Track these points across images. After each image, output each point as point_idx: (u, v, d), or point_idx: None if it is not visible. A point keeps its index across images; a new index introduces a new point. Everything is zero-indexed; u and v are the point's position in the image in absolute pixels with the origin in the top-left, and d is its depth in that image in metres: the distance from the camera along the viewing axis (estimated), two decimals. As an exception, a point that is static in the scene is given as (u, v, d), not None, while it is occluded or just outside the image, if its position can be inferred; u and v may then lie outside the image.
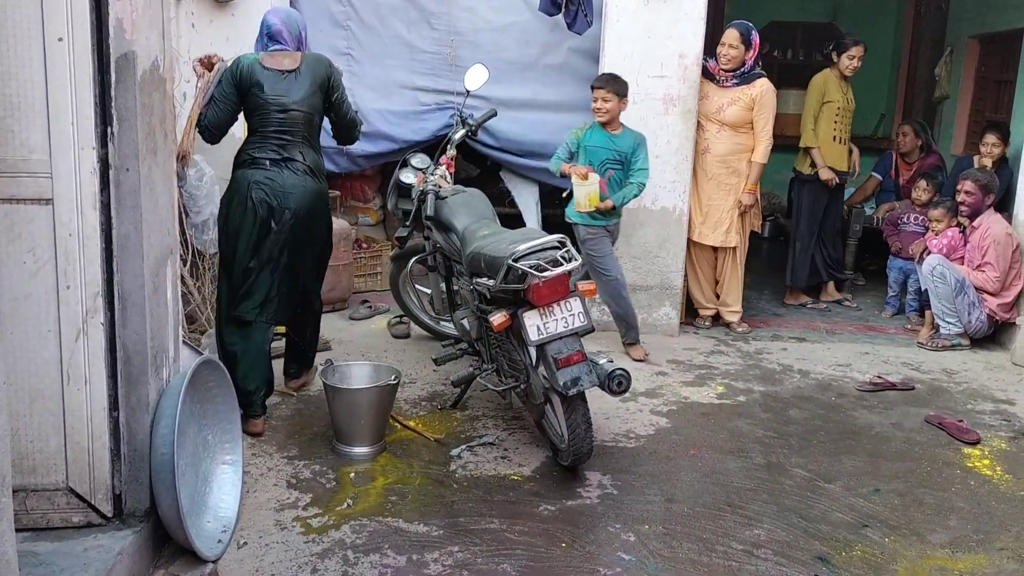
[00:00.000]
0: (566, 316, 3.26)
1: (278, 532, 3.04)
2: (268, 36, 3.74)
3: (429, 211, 3.95)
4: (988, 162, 5.82)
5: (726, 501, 3.39)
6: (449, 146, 4.37)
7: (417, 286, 4.90)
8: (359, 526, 3.10)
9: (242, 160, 3.78)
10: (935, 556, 3.02)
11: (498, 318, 3.29)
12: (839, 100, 5.90)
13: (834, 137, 5.97)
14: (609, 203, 4.67)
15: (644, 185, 4.77)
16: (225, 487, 3.12)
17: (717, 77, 5.32)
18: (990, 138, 5.89)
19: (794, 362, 5.03)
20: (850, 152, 6.12)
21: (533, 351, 3.35)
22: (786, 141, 8.48)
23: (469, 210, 3.93)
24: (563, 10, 5.28)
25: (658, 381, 4.66)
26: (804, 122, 6.00)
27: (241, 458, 3.19)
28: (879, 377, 4.72)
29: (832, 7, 9.19)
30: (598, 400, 3.90)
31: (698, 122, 5.33)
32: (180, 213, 5.16)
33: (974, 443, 3.93)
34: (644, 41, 5.21)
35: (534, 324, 3.24)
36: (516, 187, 5.80)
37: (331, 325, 5.26)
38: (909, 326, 5.80)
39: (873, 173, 6.88)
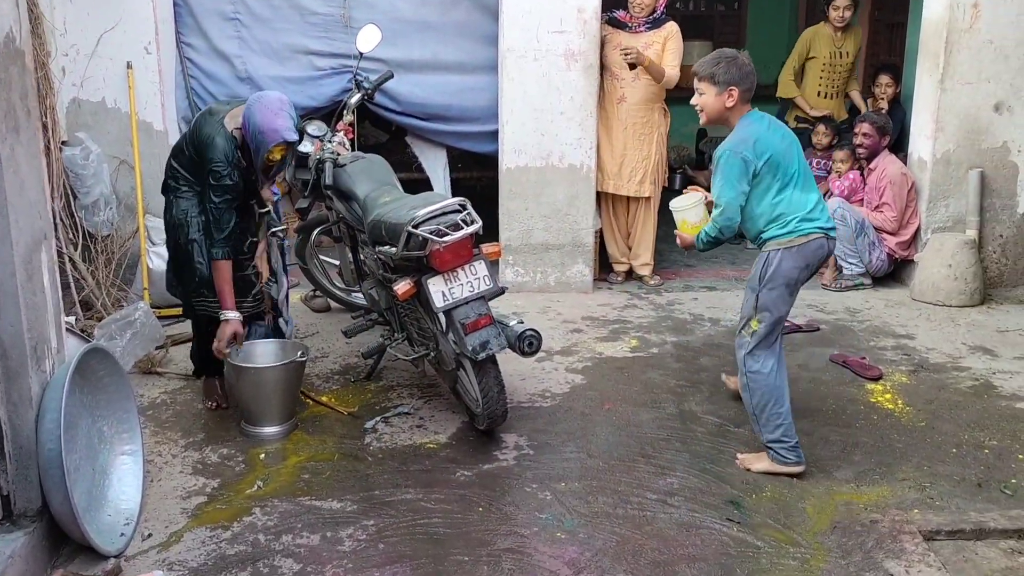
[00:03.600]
0: (471, 280, 3.22)
1: (185, 520, 2.94)
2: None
3: (328, 180, 3.83)
4: (884, 103, 6.00)
5: (640, 452, 3.43)
6: (346, 112, 4.23)
7: (323, 258, 4.78)
8: (270, 508, 3.02)
9: None
10: (841, 491, 3.12)
11: (402, 287, 3.22)
12: (825, 56, 6.17)
13: (819, 92, 6.29)
14: (685, 234, 3.30)
15: (714, 227, 3.13)
16: (126, 479, 3.00)
17: (629, 24, 5.34)
18: (883, 79, 6.08)
19: (705, 311, 5.11)
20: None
21: (442, 317, 3.30)
22: (691, 92, 8.60)
23: (369, 177, 3.83)
24: (458, -33, 5.16)
25: (573, 339, 4.67)
26: (783, 73, 6.33)
27: (141, 447, 3.07)
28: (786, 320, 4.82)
29: (730, -44, 9.26)
30: (513, 362, 3.89)
31: (613, 72, 5.33)
32: (68, 195, 4.92)
33: (876, 379, 4.07)
34: (542, -4, 5.14)
35: (439, 290, 3.18)
36: (422, 152, 5.68)
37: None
38: (814, 269, 5.94)
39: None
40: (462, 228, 3.13)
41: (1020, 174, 5.30)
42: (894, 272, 5.61)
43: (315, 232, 4.41)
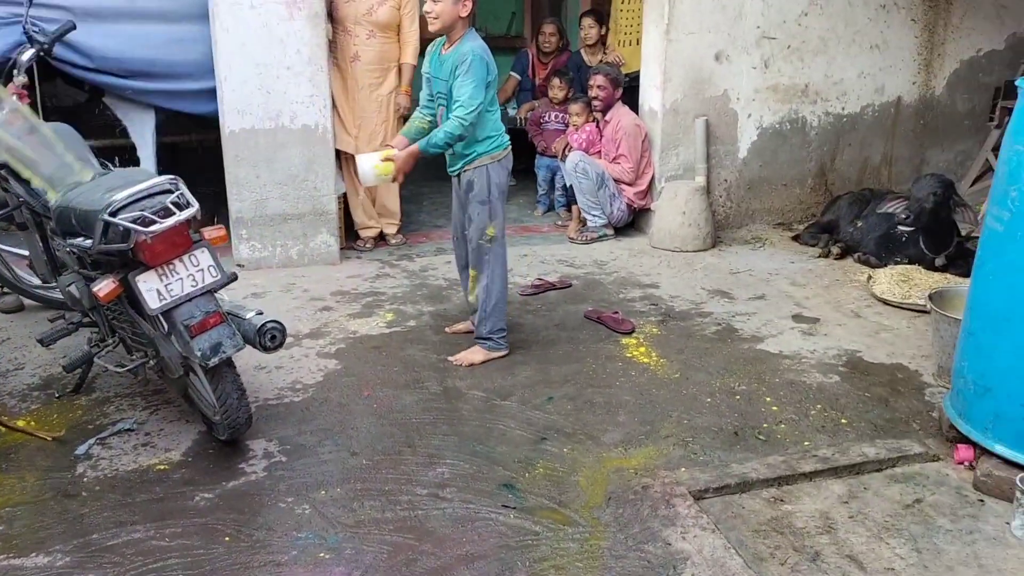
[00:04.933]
0: (192, 273, 2.72)
1: None
2: None
3: (-2, 157, 3.11)
4: (590, 44, 6.22)
5: (406, 442, 3.16)
6: (16, 71, 3.47)
7: (6, 248, 3.97)
8: (-49, 579, 2.40)
9: None
10: (611, 457, 3.06)
11: (103, 288, 2.66)
12: None
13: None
14: (396, 165, 3.49)
15: (460, 125, 3.36)
16: None
17: None
18: (586, 21, 6.31)
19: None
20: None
21: (160, 320, 2.78)
22: (424, 44, 8.31)
23: (54, 151, 3.15)
24: None
25: (323, 318, 4.28)
26: None
27: None
28: (539, 279, 4.76)
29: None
30: (256, 352, 3.43)
31: (345, 27, 4.96)
32: None
33: (630, 332, 4.10)
34: (255, -65, 4.56)
35: (152, 288, 2.66)
36: (126, 114, 4.92)
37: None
38: (560, 222, 5.97)
39: (512, 73, 6.89)
40: (174, 213, 2.62)
41: (739, 121, 5.60)
42: (634, 221, 5.76)
43: (-10, 220, 3.61)
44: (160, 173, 4.90)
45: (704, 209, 5.40)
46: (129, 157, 4.88)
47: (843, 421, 3.31)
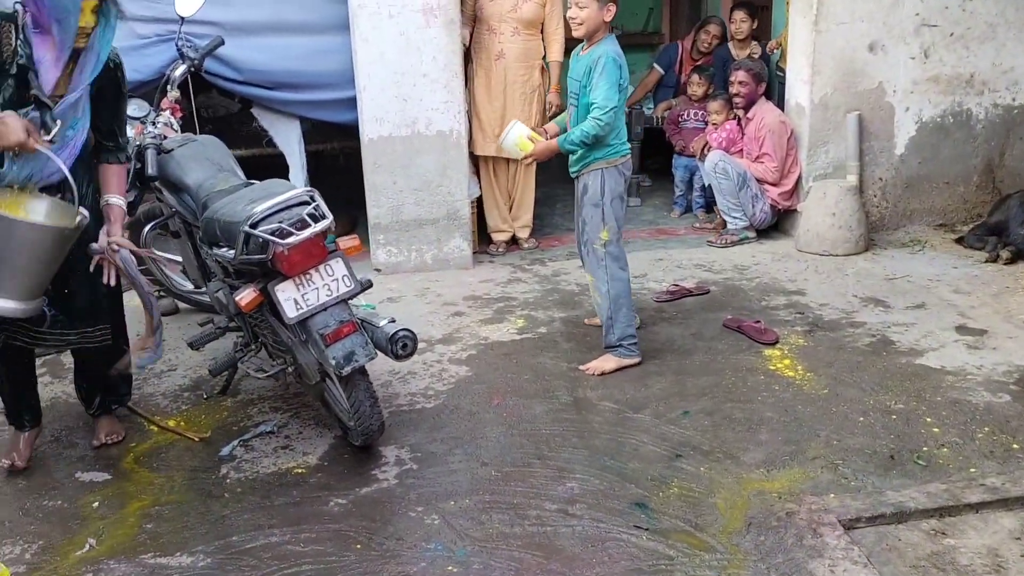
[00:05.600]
0: (328, 282, 2.76)
1: (-5, 604, 2.42)
2: None
3: (150, 170, 3.27)
4: (741, 39, 5.90)
5: (535, 454, 3.10)
6: (169, 87, 3.65)
7: (161, 254, 4.18)
8: (105, 573, 2.53)
9: None
10: (752, 479, 2.88)
11: (245, 297, 2.74)
12: None
13: None
14: (535, 148, 3.59)
15: (596, 125, 3.38)
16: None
17: None
18: (738, 15, 5.97)
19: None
20: None
21: (297, 328, 2.83)
22: (570, 44, 8.24)
23: (201, 163, 3.29)
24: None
25: (455, 323, 4.29)
26: None
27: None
28: (675, 285, 4.59)
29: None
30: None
31: (490, 26, 4.99)
32: None
33: (773, 343, 3.88)
34: (392, -55, 4.63)
35: (290, 298, 2.72)
36: (272, 124, 5.11)
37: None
38: (698, 224, 5.76)
39: (655, 66, 6.68)
40: (310, 225, 2.66)
41: (896, 115, 5.22)
42: (778, 223, 5.48)
43: (147, 229, 3.81)
44: (308, 181, 5.23)
45: (856, 210, 5.06)
46: (279, 165, 5.07)
47: (1015, 446, 2.99)
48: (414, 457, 3.10)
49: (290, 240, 2.62)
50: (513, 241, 5.44)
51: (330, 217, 2.72)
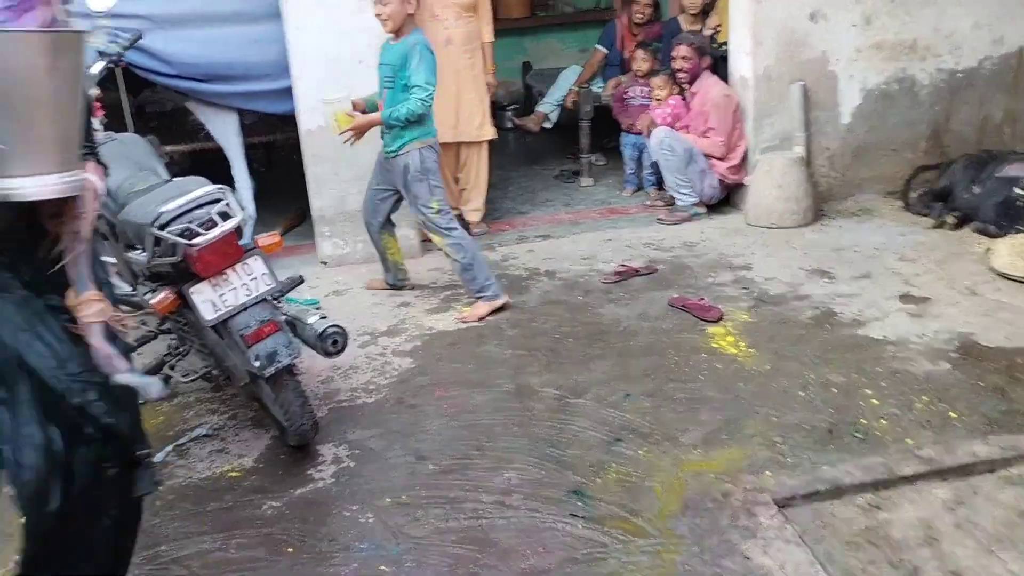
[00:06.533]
0: (246, 282, 2.70)
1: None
2: None
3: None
4: (694, 13, 5.85)
5: (475, 445, 3.06)
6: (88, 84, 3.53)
7: (102, 256, 4.08)
8: (28, 591, 2.46)
9: None
10: (689, 460, 2.87)
11: (159, 300, 2.67)
12: None
13: None
14: (356, 122, 3.92)
15: (421, 104, 3.80)
16: None
17: None
18: None
19: (540, 263, 4.76)
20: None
21: (218, 330, 2.77)
22: (512, 24, 8.16)
23: (120, 163, 3.18)
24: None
25: (400, 314, 4.23)
26: None
27: None
28: (623, 265, 4.56)
29: None
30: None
31: (433, 13, 4.90)
32: None
33: (717, 320, 3.86)
34: (321, -73, 4.52)
35: (207, 300, 2.65)
36: (208, 118, 4.99)
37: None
38: (649, 202, 5.72)
39: (597, 47, 6.63)
40: (217, 224, 2.59)
41: (840, 83, 5.19)
42: (728, 198, 5.45)
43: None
44: (252, 173, 5.12)
45: (803, 181, 5.04)
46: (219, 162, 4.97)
47: (952, 415, 3.00)
48: (352, 455, 3.06)
49: (198, 240, 2.55)
50: (463, 224, 5.38)
51: (239, 214, 2.64)
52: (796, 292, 4.12)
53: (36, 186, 1.75)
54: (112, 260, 4.01)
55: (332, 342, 2.88)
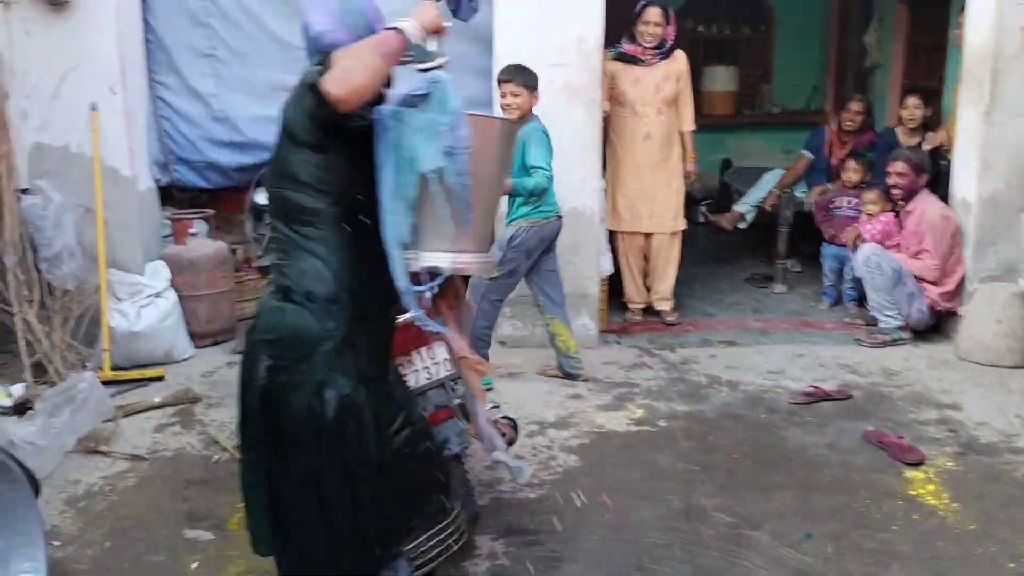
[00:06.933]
0: (428, 365, 2.74)
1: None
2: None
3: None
4: (913, 127, 5.55)
5: (636, 564, 2.91)
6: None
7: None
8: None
9: None
10: (874, 624, 2.58)
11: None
12: None
13: None
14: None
15: (545, 178, 4.02)
16: (24, 600, 2.55)
17: (641, 58, 5.10)
18: (911, 100, 5.62)
19: (722, 372, 4.57)
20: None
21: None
22: (715, 120, 8.10)
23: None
24: (444, -4, 4.75)
25: (571, 407, 4.16)
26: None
27: (45, 565, 2.63)
28: (813, 386, 4.27)
29: (755, -24, 8.75)
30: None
31: (635, 110, 5.09)
32: (26, 247, 4.55)
33: (918, 464, 3.51)
34: (539, 26, 4.70)
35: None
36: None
37: (211, 360, 4.71)
38: (848, 319, 5.38)
39: (804, 152, 6.42)
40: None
41: (1079, 216, 4.71)
42: (937, 325, 5.02)
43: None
44: None
45: (1027, 317, 4.57)
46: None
47: None
48: (507, 551, 2.98)
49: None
50: (651, 312, 5.33)
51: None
52: (1011, 444, 3.69)
53: (477, 261, 2.06)
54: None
55: (501, 434, 2.85)
